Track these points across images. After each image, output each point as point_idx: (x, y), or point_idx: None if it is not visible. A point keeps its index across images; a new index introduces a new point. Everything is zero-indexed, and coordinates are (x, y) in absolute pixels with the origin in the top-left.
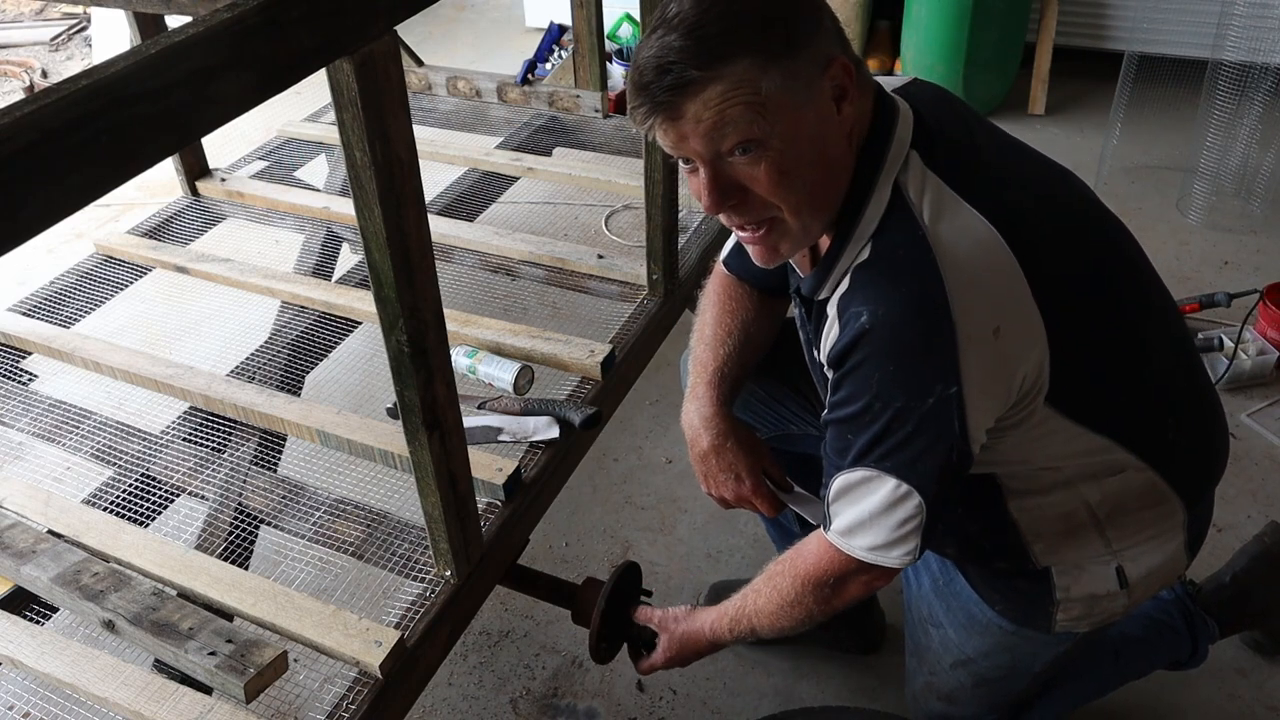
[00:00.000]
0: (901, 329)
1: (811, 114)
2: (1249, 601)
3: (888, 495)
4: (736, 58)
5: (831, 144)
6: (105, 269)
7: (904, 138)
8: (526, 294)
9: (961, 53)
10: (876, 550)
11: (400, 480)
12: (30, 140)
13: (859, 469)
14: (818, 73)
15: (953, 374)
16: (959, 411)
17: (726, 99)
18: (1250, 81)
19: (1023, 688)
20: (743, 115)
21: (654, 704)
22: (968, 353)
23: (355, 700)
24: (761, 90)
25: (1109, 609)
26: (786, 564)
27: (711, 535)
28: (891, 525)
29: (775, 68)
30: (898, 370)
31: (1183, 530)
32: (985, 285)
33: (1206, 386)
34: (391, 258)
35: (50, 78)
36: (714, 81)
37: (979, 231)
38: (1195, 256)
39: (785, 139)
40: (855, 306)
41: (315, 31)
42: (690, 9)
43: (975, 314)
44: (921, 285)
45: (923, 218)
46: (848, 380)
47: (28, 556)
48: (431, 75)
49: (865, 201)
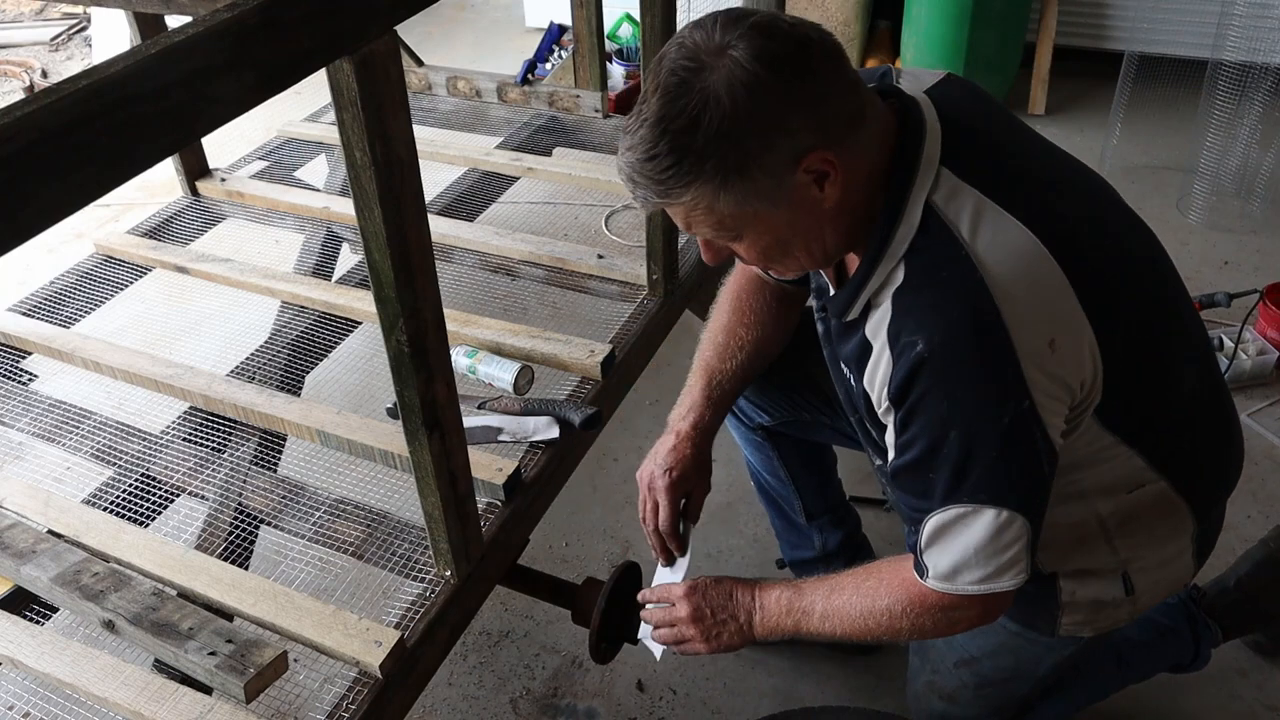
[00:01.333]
0: (961, 352)
1: (783, 210)
2: (1253, 607)
3: (989, 526)
4: (687, 188)
5: (815, 219)
6: (105, 269)
7: (932, 154)
8: (526, 294)
9: (961, 53)
10: (986, 581)
11: (400, 480)
12: (30, 140)
13: (952, 507)
14: (787, 173)
15: (1021, 389)
16: (1037, 422)
17: (689, 214)
18: (1250, 81)
19: (1025, 691)
20: (707, 225)
21: (654, 704)
22: (1030, 367)
23: (355, 700)
24: (716, 210)
25: (1114, 615)
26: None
27: (711, 535)
28: (996, 553)
29: (728, 192)
30: (967, 394)
31: (1192, 541)
32: (1035, 298)
33: (1226, 399)
34: (391, 258)
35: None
36: (674, 204)
37: (1021, 242)
38: (1195, 256)
39: (759, 231)
40: (908, 336)
41: (315, 31)
42: (647, 129)
43: (1029, 328)
44: (972, 305)
45: (961, 234)
46: (916, 416)
47: (28, 556)
48: (431, 75)
49: (895, 224)
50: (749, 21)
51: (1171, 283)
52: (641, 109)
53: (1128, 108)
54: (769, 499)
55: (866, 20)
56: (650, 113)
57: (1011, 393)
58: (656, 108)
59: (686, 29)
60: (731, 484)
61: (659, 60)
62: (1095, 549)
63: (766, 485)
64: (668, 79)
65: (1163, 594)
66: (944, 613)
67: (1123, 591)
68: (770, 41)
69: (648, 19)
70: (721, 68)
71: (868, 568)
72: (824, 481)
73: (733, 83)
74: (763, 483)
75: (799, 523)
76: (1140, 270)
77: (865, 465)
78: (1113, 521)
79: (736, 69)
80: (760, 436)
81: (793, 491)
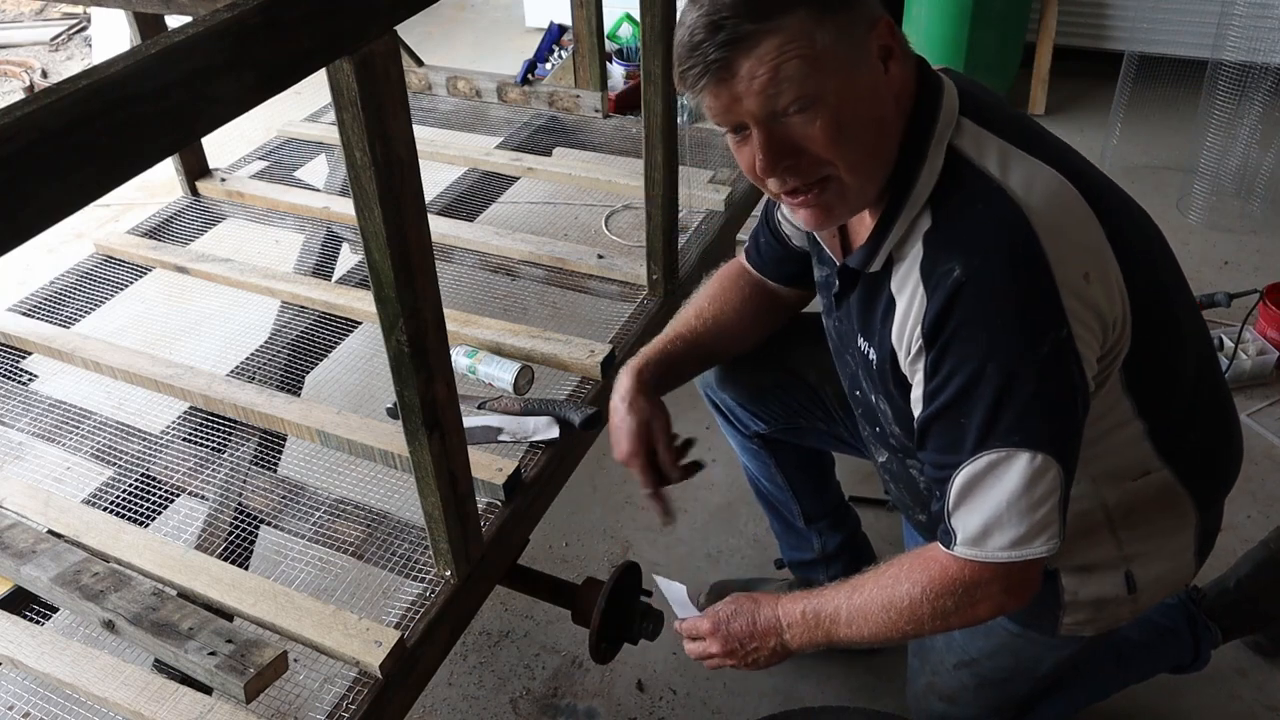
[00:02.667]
0: (1001, 276)
1: (864, 70)
2: (1253, 608)
3: (1023, 472)
4: (791, 9)
5: (883, 103)
6: (105, 269)
7: (952, 106)
8: (526, 294)
9: (961, 53)
10: (1018, 545)
11: (400, 480)
12: (30, 140)
13: (984, 454)
14: (865, 30)
15: (1060, 316)
16: (1074, 355)
17: (783, 53)
18: (1250, 81)
19: (1025, 691)
20: (799, 70)
21: (654, 704)
22: (1067, 296)
23: (355, 700)
24: (816, 44)
25: (1116, 614)
26: (903, 567)
27: (711, 535)
28: (1030, 508)
29: (829, 20)
30: (1006, 320)
31: (1193, 536)
32: (1071, 232)
33: (1225, 393)
34: (391, 258)
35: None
36: (769, 35)
37: (1053, 182)
38: (1195, 256)
39: (840, 94)
40: (944, 264)
41: (315, 31)
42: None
43: (1068, 259)
44: (1012, 232)
45: (990, 170)
46: (952, 348)
47: (28, 556)
48: (431, 75)
49: (918, 168)
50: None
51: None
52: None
53: (1128, 108)
54: (767, 504)
55: None
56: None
57: (1051, 320)
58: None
59: None
60: (731, 484)
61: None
62: (1100, 541)
63: (764, 491)
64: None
65: (1163, 593)
66: (967, 591)
67: (1125, 589)
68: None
69: (648, 19)
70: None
71: (888, 561)
72: (822, 485)
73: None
74: (761, 489)
75: (798, 526)
76: (1153, 245)
77: (865, 465)
78: (1118, 512)
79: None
80: (757, 444)
81: (791, 497)
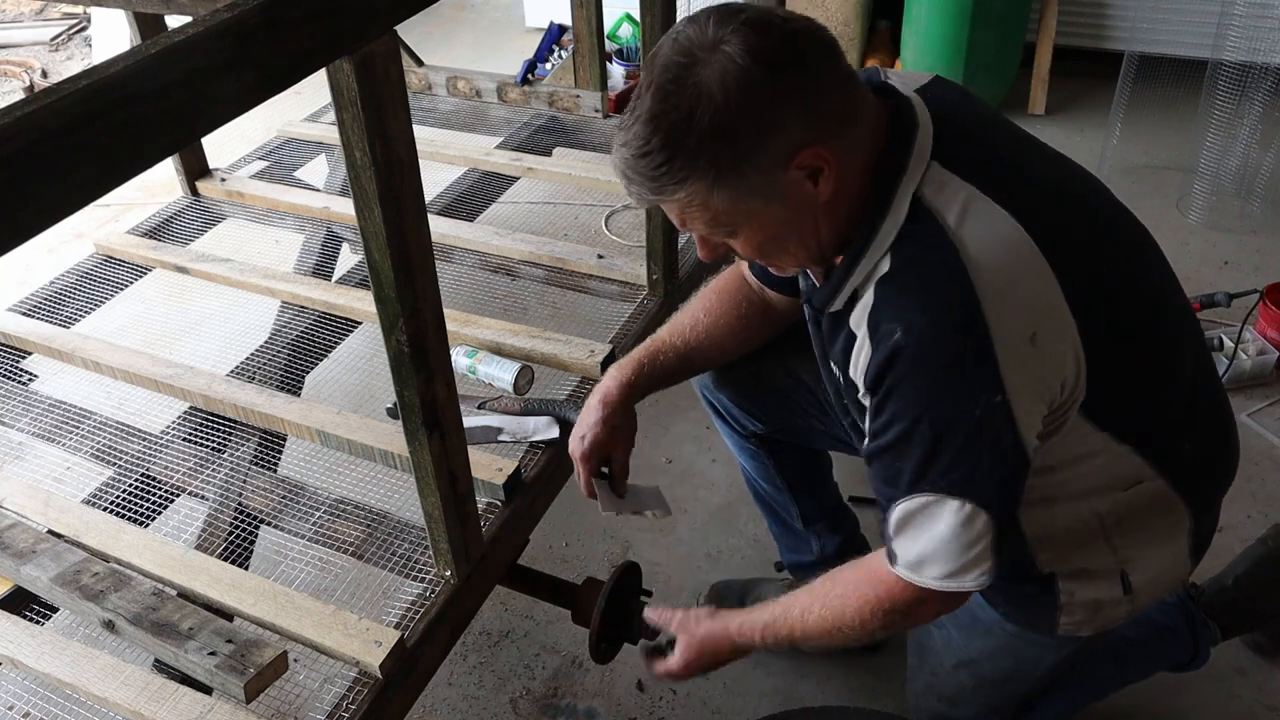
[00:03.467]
0: (938, 341)
1: (777, 206)
2: (1251, 605)
3: (952, 518)
4: (681, 185)
5: (809, 215)
6: (105, 269)
7: (924, 147)
8: (526, 294)
9: (961, 53)
10: (950, 578)
11: (400, 480)
12: (30, 140)
13: (916, 496)
14: (781, 170)
15: (996, 382)
16: (1008, 419)
17: (685, 210)
18: (1250, 81)
19: (1024, 691)
20: (701, 222)
21: (654, 704)
22: (1007, 362)
23: (355, 700)
24: (713, 205)
25: (1112, 614)
26: (849, 586)
27: (711, 535)
28: (961, 548)
29: (721, 188)
30: (939, 384)
31: (1188, 537)
32: (1018, 290)
33: (1221, 396)
34: (391, 258)
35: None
36: (667, 201)
37: (1008, 232)
38: (1195, 256)
39: (752, 228)
40: (887, 323)
41: (315, 31)
42: (641, 125)
43: (1010, 321)
44: (953, 294)
45: (947, 223)
46: (889, 402)
47: (28, 556)
48: (431, 75)
49: (882, 216)
50: (742, 17)
51: (1165, 279)
52: (635, 105)
53: (1128, 108)
54: (765, 505)
55: (866, 20)
56: (643, 109)
57: (985, 386)
58: (650, 104)
59: (681, 24)
60: (731, 484)
61: (653, 56)
62: (1094, 548)
63: (762, 492)
64: (661, 75)
65: (1160, 592)
66: (909, 606)
67: (1121, 591)
68: (763, 37)
69: (648, 19)
70: (714, 63)
71: (833, 577)
72: (820, 486)
73: (725, 79)
74: (758, 490)
75: (796, 528)
76: (1133, 268)
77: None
78: (1110, 520)
79: (729, 64)
80: (754, 444)
81: (789, 498)
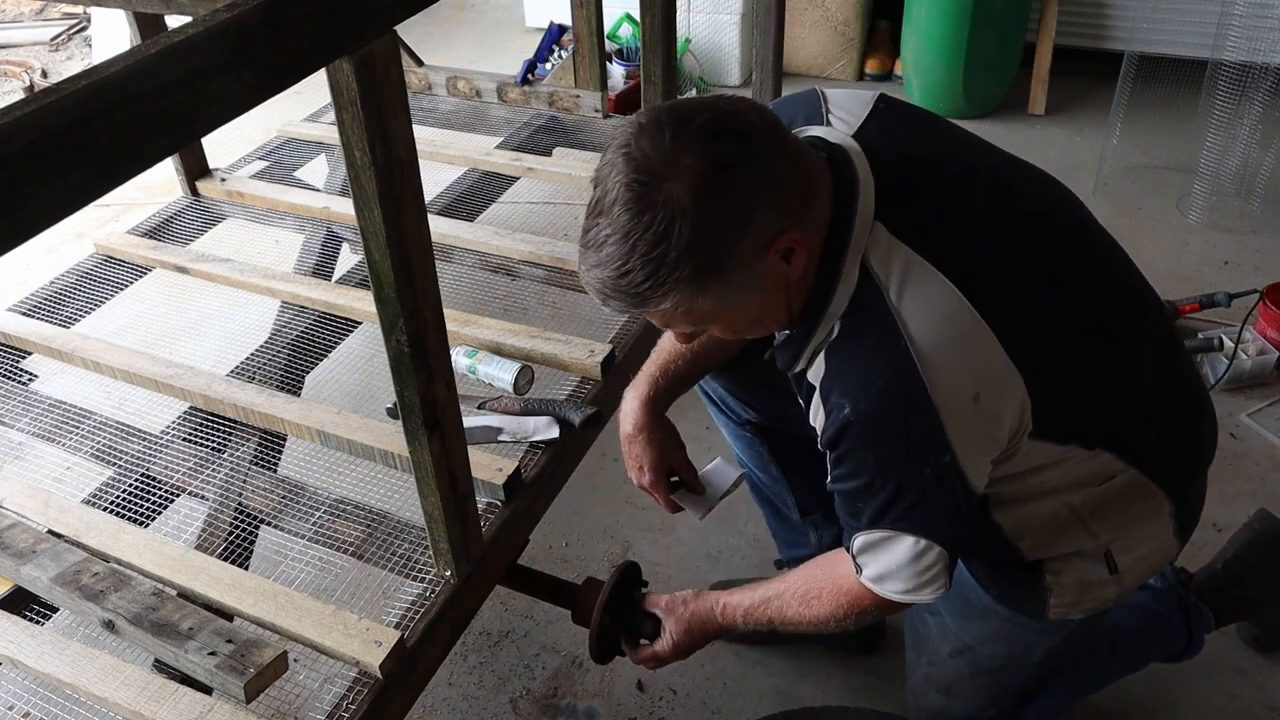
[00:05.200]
0: (884, 418)
1: (755, 296)
2: (1241, 587)
3: (908, 550)
4: (665, 297)
5: (784, 291)
6: (105, 269)
7: (867, 211)
8: (526, 294)
9: (961, 53)
10: (909, 593)
11: (400, 480)
12: (30, 140)
13: (876, 530)
14: (759, 260)
15: (943, 445)
16: (957, 473)
17: (668, 317)
18: (1250, 81)
19: (1021, 680)
20: (686, 323)
21: (654, 704)
22: (952, 424)
23: (355, 700)
24: (695, 310)
25: (1102, 595)
26: (824, 585)
27: (711, 535)
28: (917, 573)
29: (707, 292)
30: (890, 452)
31: (1170, 518)
32: (958, 357)
33: (1194, 382)
34: (391, 258)
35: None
36: (650, 312)
37: (946, 301)
38: (1195, 256)
39: (733, 318)
40: (836, 398)
41: (315, 31)
42: (615, 246)
43: (953, 387)
44: (895, 371)
45: (890, 296)
46: (844, 463)
47: (28, 556)
48: (431, 75)
49: (834, 286)
50: (694, 125)
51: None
52: (600, 222)
53: (1128, 108)
54: (762, 497)
55: (866, 20)
56: (615, 228)
57: (933, 449)
58: (623, 220)
59: (630, 134)
60: None
61: (606, 168)
62: (1073, 534)
63: (759, 482)
64: (624, 192)
65: (1147, 571)
66: (877, 607)
67: (1106, 571)
68: (721, 143)
69: (648, 19)
70: (680, 177)
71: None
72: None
73: (695, 191)
74: (755, 480)
75: (793, 519)
76: (1082, 281)
77: None
78: (1085, 510)
79: (696, 179)
80: (750, 432)
81: (785, 488)
